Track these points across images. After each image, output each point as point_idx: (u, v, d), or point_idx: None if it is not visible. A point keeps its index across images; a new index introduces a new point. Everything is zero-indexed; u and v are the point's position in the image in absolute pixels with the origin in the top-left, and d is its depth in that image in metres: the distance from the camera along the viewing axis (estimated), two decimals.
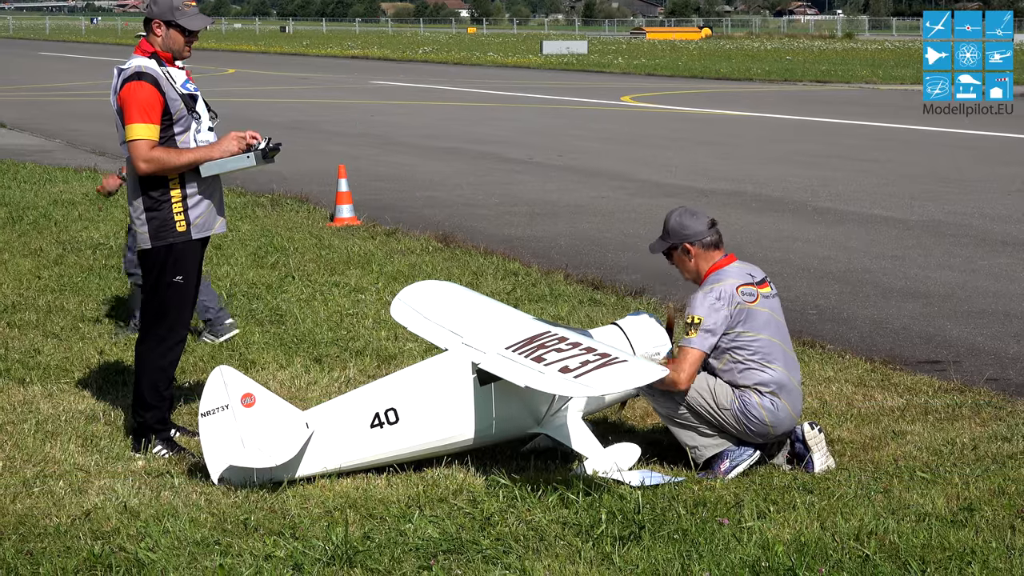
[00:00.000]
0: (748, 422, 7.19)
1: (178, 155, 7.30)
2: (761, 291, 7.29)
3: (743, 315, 7.18)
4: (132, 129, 7.24)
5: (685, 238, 7.38)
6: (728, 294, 7.19)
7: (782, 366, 7.25)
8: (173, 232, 7.40)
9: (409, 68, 59.99)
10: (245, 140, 7.38)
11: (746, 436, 7.23)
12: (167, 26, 7.42)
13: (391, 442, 7.05)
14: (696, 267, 7.38)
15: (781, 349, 7.29)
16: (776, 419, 7.21)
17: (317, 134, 28.16)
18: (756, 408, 7.18)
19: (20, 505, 6.62)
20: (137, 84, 7.26)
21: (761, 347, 7.20)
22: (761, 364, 7.20)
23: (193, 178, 7.40)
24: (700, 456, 7.24)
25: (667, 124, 31.61)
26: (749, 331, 7.18)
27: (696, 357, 7.14)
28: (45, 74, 51.36)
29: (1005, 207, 17.48)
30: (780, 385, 7.22)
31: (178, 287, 7.48)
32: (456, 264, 13.26)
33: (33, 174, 20.09)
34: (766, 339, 7.22)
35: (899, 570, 5.83)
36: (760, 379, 7.20)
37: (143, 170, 7.27)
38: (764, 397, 7.19)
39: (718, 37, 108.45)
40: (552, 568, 5.85)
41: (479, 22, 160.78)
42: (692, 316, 7.16)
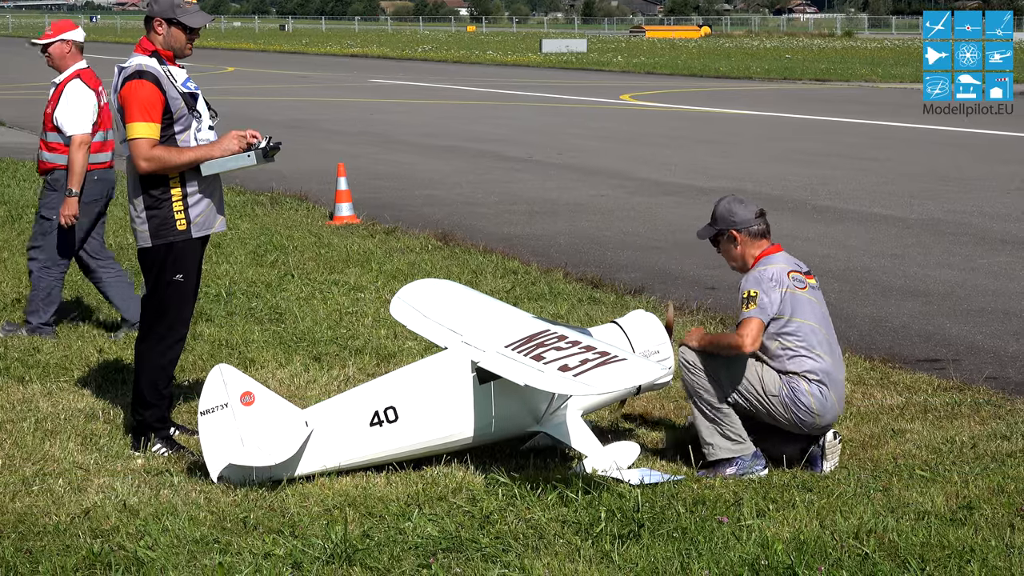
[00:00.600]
0: (797, 409, 7.13)
1: (179, 154, 7.29)
2: (808, 281, 7.29)
3: (793, 301, 7.15)
4: (133, 128, 7.22)
5: (732, 225, 7.39)
6: (779, 277, 7.18)
7: (829, 356, 7.21)
8: (174, 231, 7.39)
9: (408, 66, 59.99)
10: (246, 139, 7.37)
11: (793, 426, 7.16)
12: (168, 24, 7.41)
13: (390, 440, 7.05)
14: (742, 254, 7.37)
15: (827, 340, 7.24)
16: (823, 408, 7.16)
17: (316, 132, 28.16)
18: (805, 395, 7.12)
19: (19, 503, 6.62)
20: (138, 83, 7.25)
21: (810, 335, 7.16)
22: (810, 351, 7.15)
23: (193, 177, 7.39)
24: (711, 455, 7.18)
25: (666, 122, 31.61)
26: (798, 317, 7.14)
27: (758, 324, 7.07)
28: (44, 72, 51.23)
29: (1004, 206, 17.49)
30: (827, 374, 7.17)
31: (178, 285, 7.47)
32: (455, 262, 13.26)
33: (32, 172, 20.02)
34: (815, 327, 7.18)
35: (898, 568, 5.83)
36: (809, 366, 7.14)
37: (144, 169, 7.26)
38: (812, 384, 7.14)
39: (717, 35, 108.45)
40: (551, 566, 5.85)
41: (478, 20, 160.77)
42: (747, 291, 7.14)
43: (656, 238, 15.32)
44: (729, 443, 7.16)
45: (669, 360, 7.63)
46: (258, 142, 7.38)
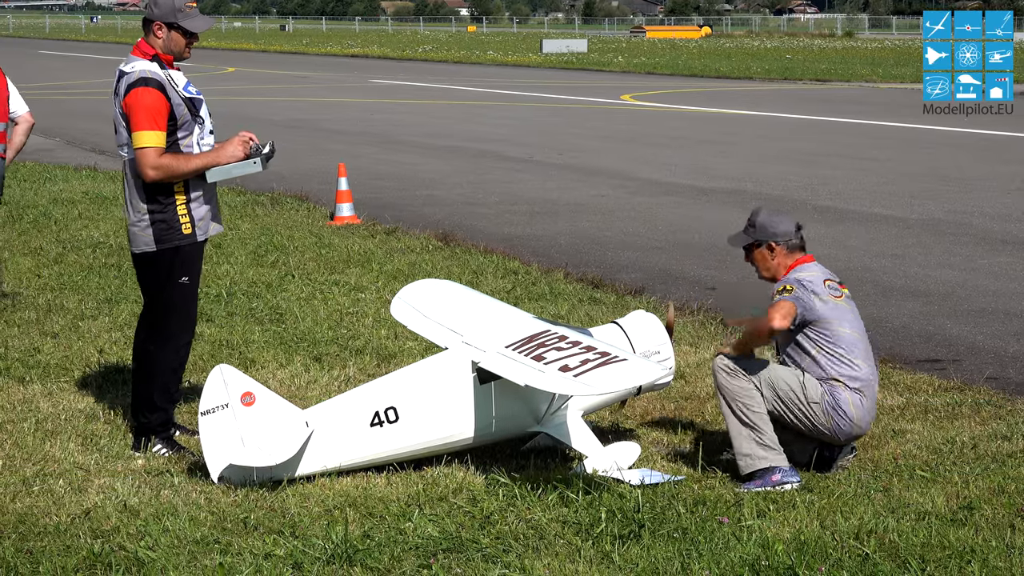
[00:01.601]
0: (838, 417, 7.06)
1: (186, 161, 7.27)
2: (843, 290, 7.26)
3: (835, 309, 7.10)
4: (140, 137, 7.18)
5: (773, 237, 7.31)
6: (816, 283, 7.13)
7: (866, 365, 7.16)
8: (179, 235, 7.37)
9: (409, 67, 60.00)
10: (249, 144, 7.37)
11: (831, 435, 7.09)
12: (168, 28, 7.37)
13: (391, 441, 7.05)
14: (776, 265, 7.31)
15: (865, 350, 7.20)
16: (862, 417, 7.11)
17: (317, 133, 28.17)
18: (847, 403, 7.06)
19: (20, 504, 6.62)
20: (144, 90, 7.21)
21: (851, 344, 7.11)
22: (851, 361, 7.10)
23: (198, 183, 7.38)
24: (749, 466, 7.01)
25: (667, 123, 31.61)
26: (836, 325, 7.08)
27: (789, 307, 6.98)
28: (45, 73, 51.35)
29: (1005, 206, 17.49)
30: (866, 384, 7.13)
31: (183, 287, 7.47)
32: (456, 263, 13.26)
33: (33, 173, 20.10)
34: (853, 336, 7.13)
35: (899, 569, 5.83)
36: (849, 374, 7.10)
37: (151, 177, 7.23)
38: (853, 393, 7.09)
39: (718, 36, 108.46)
40: (552, 567, 5.85)
41: (479, 21, 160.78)
42: (784, 285, 7.08)
43: (657, 238, 15.32)
44: (765, 452, 7.01)
45: (670, 360, 7.63)
46: (259, 146, 7.38)
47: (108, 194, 17.74)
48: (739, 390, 7.08)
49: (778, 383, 7.09)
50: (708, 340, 10.25)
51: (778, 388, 7.08)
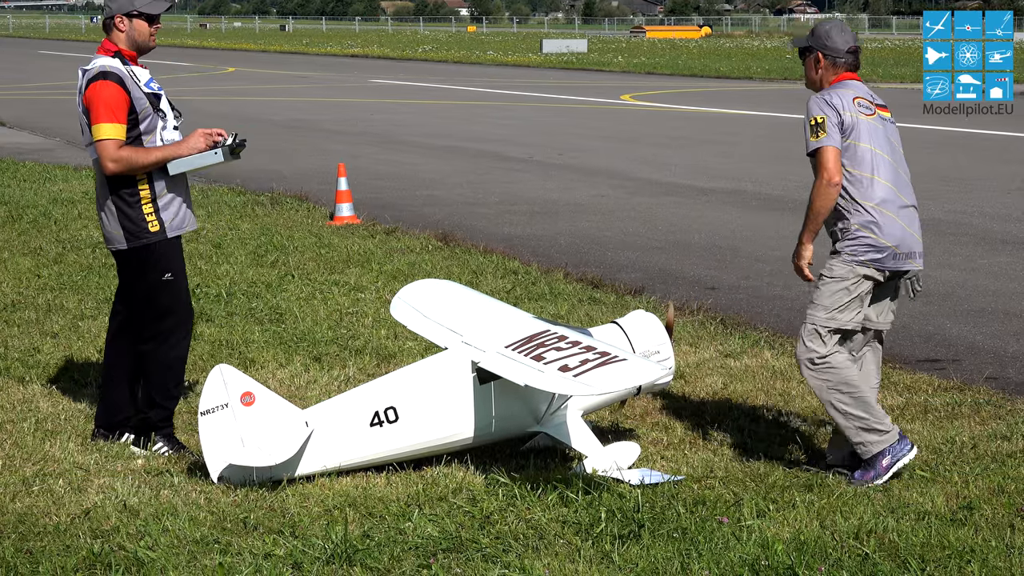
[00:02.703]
0: (871, 256, 7.03)
1: (146, 154, 7.25)
2: (880, 112, 7.21)
3: (856, 125, 7.06)
4: (99, 129, 7.19)
5: (822, 48, 7.27)
6: (844, 100, 7.09)
7: (890, 182, 7.09)
8: (147, 232, 7.35)
9: (409, 67, 60.00)
10: (212, 137, 7.34)
11: (881, 265, 7.07)
12: (129, 18, 7.37)
13: (391, 441, 7.05)
14: (819, 78, 7.29)
15: (889, 164, 7.11)
16: (891, 236, 7.05)
17: (317, 133, 28.17)
18: (864, 247, 7.02)
19: (20, 504, 6.62)
20: (103, 83, 7.21)
21: (868, 160, 7.05)
22: (868, 178, 7.04)
23: (161, 176, 7.35)
24: (866, 452, 7.03)
25: (667, 123, 31.61)
26: (859, 141, 7.04)
27: (833, 153, 6.99)
28: (45, 72, 51.35)
29: (1005, 206, 17.49)
30: (884, 200, 7.05)
31: (168, 284, 7.44)
32: (456, 263, 13.27)
33: (33, 172, 20.09)
34: (874, 152, 7.06)
35: (898, 569, 5.83)
36: (863, 193, 7.03)
37: (111, 170, 7.22)
38: (866, 227, 7.02)
39: (718, 36, 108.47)
40: (552, 567, 5.85)
41: (479, 21, 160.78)
42: (813, 118, 7.06)
43: (656, 238, 15.32)
44: (878, 436, 7.01)
45: (669, 360, 7.63)
46: (224, 139, 7.36)
47: None
48: (825, 384, 7.07)
49: (825, 304, 7.06)
50: (708, 340, 10.25)
51: (831, 307, 7.06)
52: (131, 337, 7.63)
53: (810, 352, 7.12)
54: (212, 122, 7.74)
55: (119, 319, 7.67)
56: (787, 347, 10.01)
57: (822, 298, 7.13)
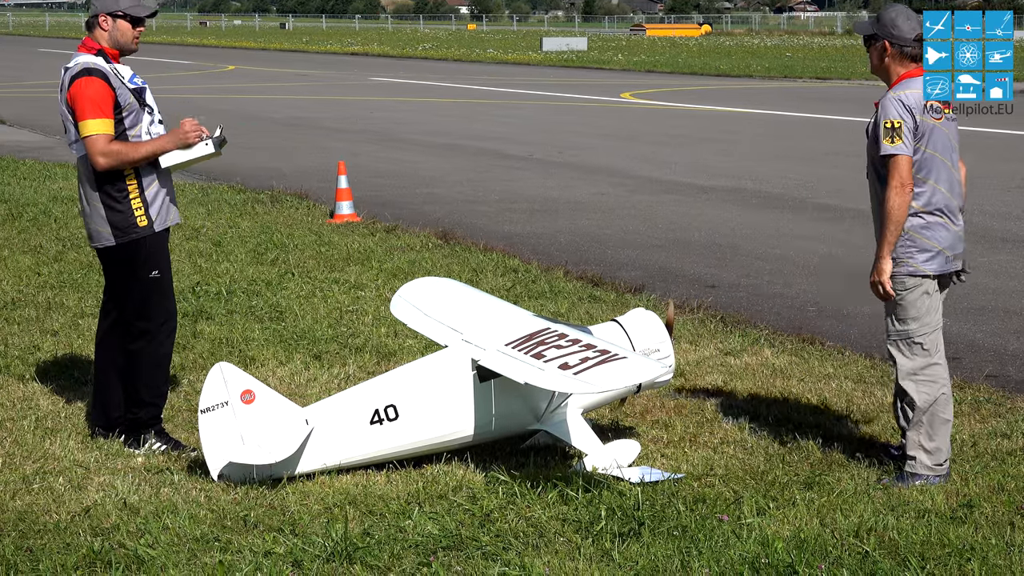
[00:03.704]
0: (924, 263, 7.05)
1: (135, 148, 7.24)
2: (946, 112, 7.20)
3: (928, 131, 7.04)
4: (86, 125, 7.16)
5: (888, 36, 7.23)
6: (917, 103, 7.06)
7: (945, 188, 7.08)
8: (136, 228, 7.34)
9: (409, 65, 59.99)
10: (198, 129, 7.32)
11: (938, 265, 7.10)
12: (113, 18, 7.35)
13: (391, 439, 7.05)
14: (885, 68, 7.23)
15: (948, 169, 7.10)
16: (942, 239, 7.06)
17: (317, 131, 28.16)
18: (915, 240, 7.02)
19: (20, 502, 6.62)
20: (87, 80, 7.19)
21: (932, 166, 7.03)
22: (929, 183, 7.03)
23: (148, 172, 7.33)
24: (912, 468, 7.07)
25: (667, 121, 31.61)
26: (929, 147, 7.02)
27: (907, 162, 6.95)
28: (45, 71, 51.32)
29: (1005, 204, 17.48)
30: (938, 206, 7.05)
31: (156, 281, 7.44)
32: (456, 261, 13.26)
33: (33, 170, 20.09)
34: (938, 159, 7.06)
35: (899, 567, 5.83)
36: (921, 197, 7.00)
37: (102, 165, 7.20)
38: (918, 219, 7.01)
39: (718, 34, 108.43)
40: (552, 564, 5.85)
41: (479, 19, 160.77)
42: (890, 121, 6.98)
43: (656, 236, 15.31)
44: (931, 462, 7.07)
45: (670, 358, 7.63)
46: (212, 131, 7.35)
47: None
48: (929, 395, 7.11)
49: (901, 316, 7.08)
50: (708, 338, 10.25)
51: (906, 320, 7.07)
52: (121, 336, 7.62)
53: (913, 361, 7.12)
54: (212, 120, 7.72)
55: (110, 319, 7.66)
56: (787, 345, 10.01)
57: (909, 312, 7.08)
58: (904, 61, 7.24)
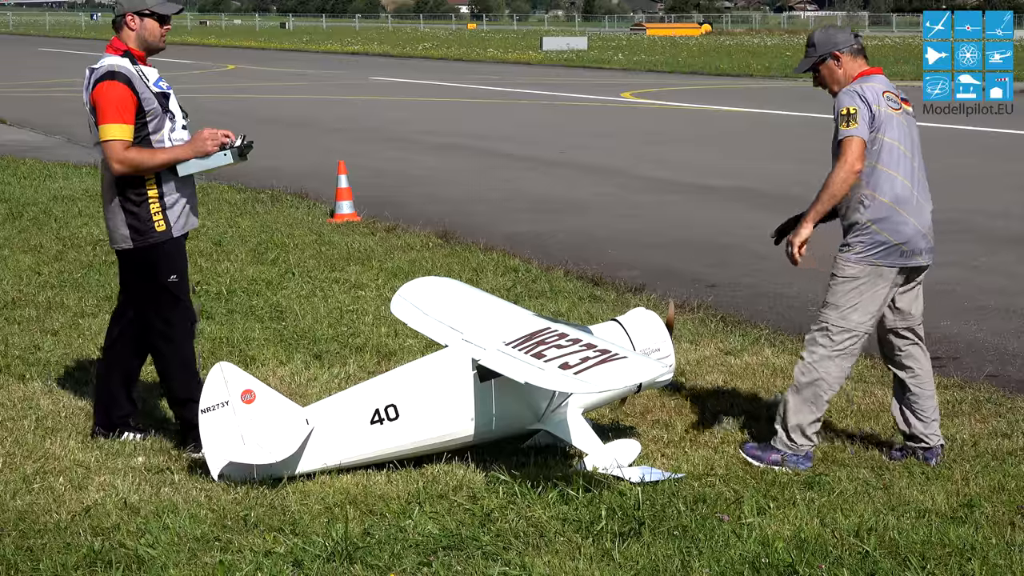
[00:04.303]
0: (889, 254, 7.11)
1: (152, 155, 7.22)
2: (905, 107, 7.25)
3: (884, 120, 7.10)
4: (106, 130, 7.15)
5: (835, 46, 7.31)
6: (874, 94, 7.12)
7: (907, 179, 7.14)
8: (153, 232, 7.33)
9: (409, 64, 59.99)
10: (219, 138, 7.31)
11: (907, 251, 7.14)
12: (140, 17, 7.35)
13: (391, 438, 7.05)
14: (845, 75, 7.29)
15: (908, 161, 7.17)
16: (900, 234, 7.11)
17: (317, 130, 28.16)
18: (873, 233, 7.09)
19: (20, 501, 6.62)
20: (110, 84, 7.17)
21: (891, 157, 7.10)
22: (887, 174, 7.09)
23: (169, 178, 7.32)
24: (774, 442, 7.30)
25: (667, 120, 31.61)
26: (886, 137, 7.09)
27: (859, 143, 7.03)
28: (45, 70, 51.33)
29: (1006, 203, 17.49)
30: (898, 198, 7.11)
31: (174, 285, 7.44)
32: (456, 260, 13.27)
33: (33, 170, 20.09)
34: (897, 149, 7.12)
35: (899, 566, 5.83)
36: (880, 187, 7.08)
37: (118, 171, 7.19)
38: (877, 211, 7.09)
39: (718, 33, 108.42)
40: (552, 564, 5.85)
41: (479, 18, 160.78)
42: (845, 108, 7.08)
43: (657, 236, 15.32)
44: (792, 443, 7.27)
45: (670, 358, 7.63)
46: (231, 141, 7.34)
47: None
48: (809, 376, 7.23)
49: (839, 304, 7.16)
50: (708, 337, 10.26)
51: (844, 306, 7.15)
52: (134, 339, 7.61)
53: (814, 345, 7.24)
54: (213, 119, 7.73)
55: (124, 320, 7.65)
56: (787, 344, 10.01)
57: (835, 297, 7.18)
58: (857, 59, 7.34)
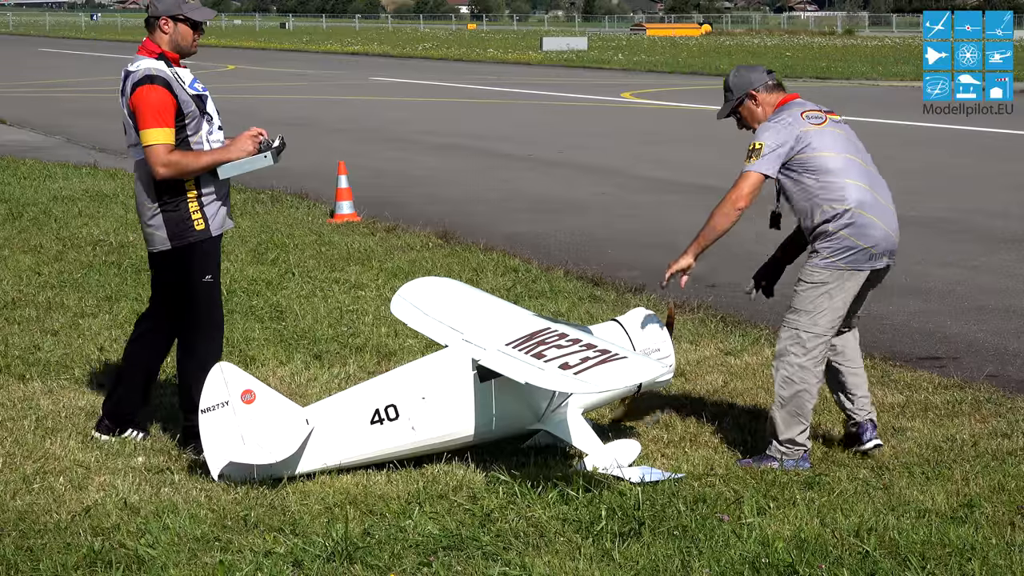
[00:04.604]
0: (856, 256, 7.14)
1: (196, 158, 7.23)
2: (830, 117, 7.29)
3: (811, 136, 7.14)
4: (148, 134, 7.14)
5: (750, 85, 7.37)
6: (793, 117, 7.18)
7: (863, 183, 7.18)
8: (192, 232, 7.32)
9: (409, 64, 59.99)
10: (258, 139, 7.33)
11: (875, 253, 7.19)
12: (175, 21, 7.37)
13: (391, 438, 7.05)
14: (764, 112, 7.35)
15: (859, 166, 7.21)
16: (869, 238, 7.15)
17: (317, 130, 28.16)
18: (841, 239, 7.12)
19: (20, 501, 6.62)
20: (149, 88, 7.17)
21: (835, 165, 7.13)
22: (835, 183, 7.12)
23: (210, 180, 7.33)
24: (769, 452, 7.29)
25: (667, 120, 31.61)
26: (819, 151, 7.13)
27: (754, 179, 7.15)
28: (45, 71, 51.32)
29: (1005, 204, 17.49)
30: (861, 202, 7.15)
31: (209, 286, 7.43)
32: (456, 260, 13.27)
33: (33, 170, 20.09)
34: (840, 157, 7.15)
35: (899, 566, 5.83)
36: (838, 196, 7.11)
37: (162, 175, 7.17)
38: (845, 229, 7.12)
39: (718, 33, 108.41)
40: (552, 564, 5.85)
41: (479, 18, 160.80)
42: (753, 143, 7.17)
43: (657, 236, 15.31)
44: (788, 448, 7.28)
45: (670, 358, 7.63)
46: (269, 141, 7.35)
47: (108, 192, 17.74)
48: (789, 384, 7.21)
49: (807, 309, 7.17)
50: (708, 338, 10.26)
51: (813, 312, 7.16)
52: (165, 335, 7.63)
53: (788, 355, 7.24)
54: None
55: (152, 322, 7.64)
56: None
57: (803, 303, 7.19)
58: (773, 93, 7.39)
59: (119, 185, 18.45)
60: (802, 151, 7.14)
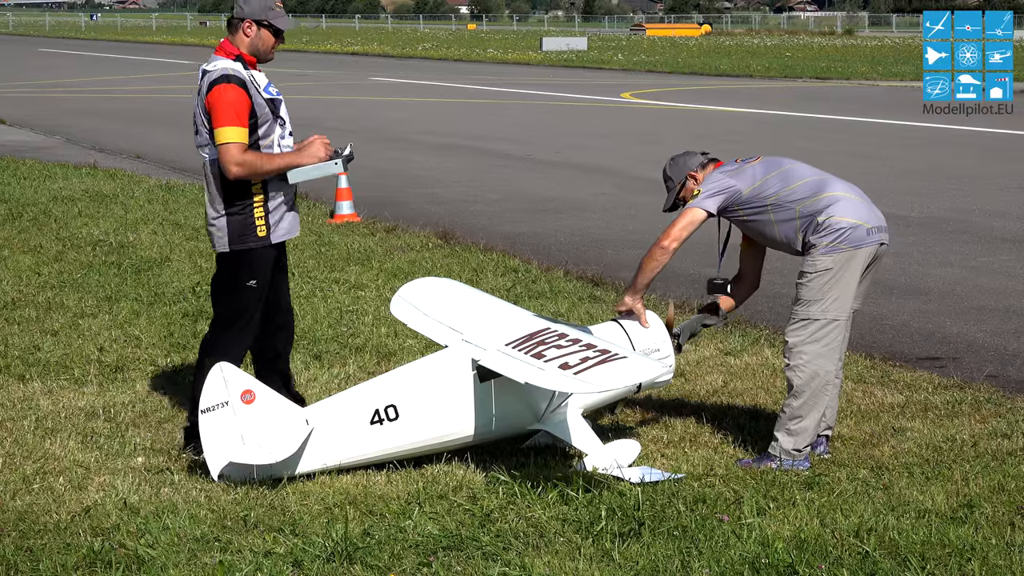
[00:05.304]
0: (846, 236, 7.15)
1: (268, 160, 7.21)
2: (754, 158, 7.48)
3: (752, 170, 7.32)
4: (222, 132, 7.12)
5: (688, 169, 7.58)
6: (722, 172, 7.39)
7: (815, 176, 7.30)
8: (254, 236, 7.30)
9: (409, 65, 60.00)
10: (329, 146, 7.33)
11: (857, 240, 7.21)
12: (258, 26, 7.37)
13: (391, 439, 7.05)
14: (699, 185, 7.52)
15: (808, 167, 7.39)
16: (857, 213, 7.18)
17: (316, 130, 28.08)
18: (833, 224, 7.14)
19: (20, 502, 6.62)
20: (226, 87, 7.17)
21: (787, 177, 7.26)
22: (799, 184, 7.24)
23: (278, 186, 7.31)
24: (774, 449, 7.29)
25: (667, 120, 31.61)
26: (765, 175, 7.28)
27: (693, 215, 7.34)
28: (45, 71, 51.32)
29: (1005, 204, 17.49)
30: (825, 184, 7.26)
31: (252, 291, 7.40)
32: (456, 260, 13.27)
33: (33, 170, 20.09)
34: (782, 171, 7.30)
35: (899, 567, 5.83)
36: (806, 193, 7.21)
37: (234, 174, 7.14)
38: (822, 203, 7.17)
39: (718, 33, 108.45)
40: (552, 565, 5.85)
41: (479, 18, 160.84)
42: (698, 189, 7.40)
43: (656, 236, 15.29)
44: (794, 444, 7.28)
45: (670, 358, 7.63)
46: (341, 148, 7.37)
47: (108, 192, 17.74)
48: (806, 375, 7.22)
49: (817, 299, 7.18)
50: (708, 338, 10.25)
51: (824, 300, 7.18)
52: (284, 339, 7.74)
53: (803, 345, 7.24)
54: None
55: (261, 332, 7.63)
56: None
57: (811, 293, 7.21)
58: (707, 168, 7.61)
59: (119, 185, 18.45)
60: (755, 185, 7.29)
